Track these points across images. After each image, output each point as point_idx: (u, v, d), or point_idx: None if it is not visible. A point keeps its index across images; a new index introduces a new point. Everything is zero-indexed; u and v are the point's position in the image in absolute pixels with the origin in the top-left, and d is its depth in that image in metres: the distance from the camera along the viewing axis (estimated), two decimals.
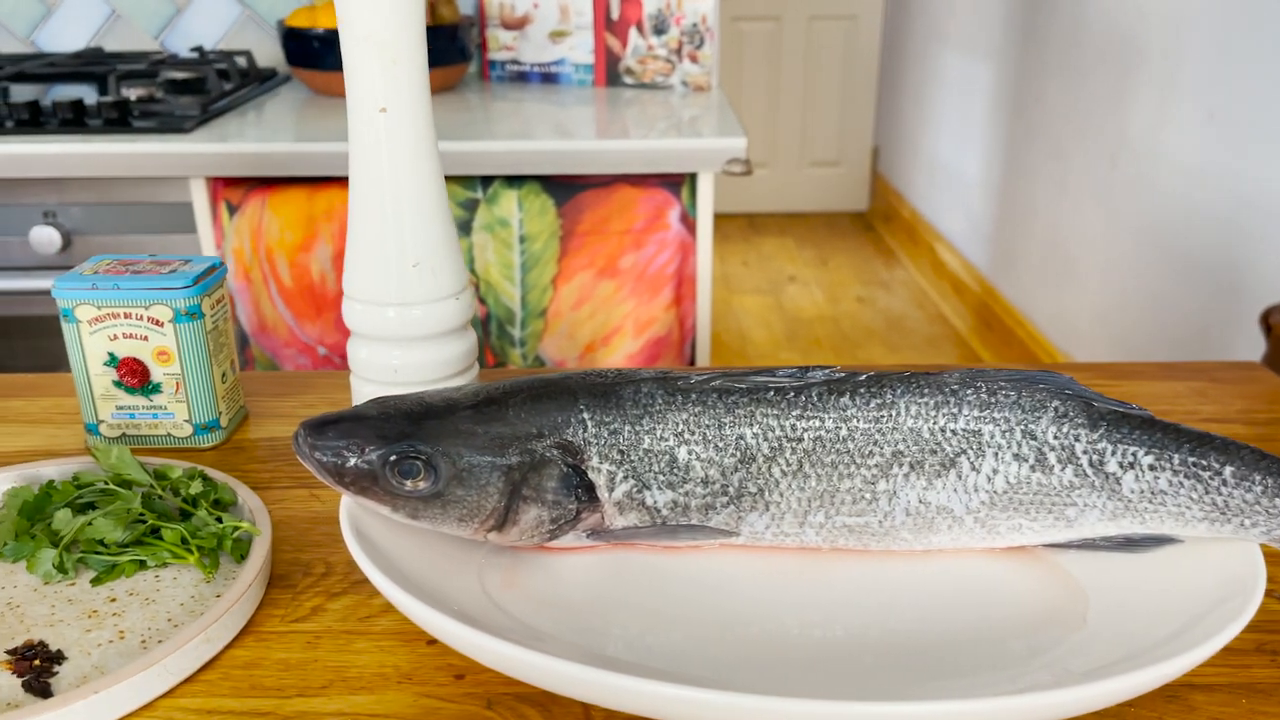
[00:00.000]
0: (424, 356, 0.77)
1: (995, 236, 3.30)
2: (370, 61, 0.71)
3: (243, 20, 2.29)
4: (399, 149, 0.73)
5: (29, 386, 0.91)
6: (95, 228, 1.73)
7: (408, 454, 0.60)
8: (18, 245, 1.74)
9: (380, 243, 0.75)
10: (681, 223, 1.77)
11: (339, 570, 0.67)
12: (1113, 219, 2.57)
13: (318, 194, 1.73)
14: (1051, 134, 2.89)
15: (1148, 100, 2.41)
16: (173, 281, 0.77)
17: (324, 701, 0.56)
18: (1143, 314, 2.45)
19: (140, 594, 0.64)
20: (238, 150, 1.65)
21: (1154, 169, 2.39)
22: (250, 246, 1.75)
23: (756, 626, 0.63)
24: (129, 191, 1.71)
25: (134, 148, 1.66)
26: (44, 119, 1.77)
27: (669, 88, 2.14)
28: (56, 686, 0.56)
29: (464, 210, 1.73)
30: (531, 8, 2.16)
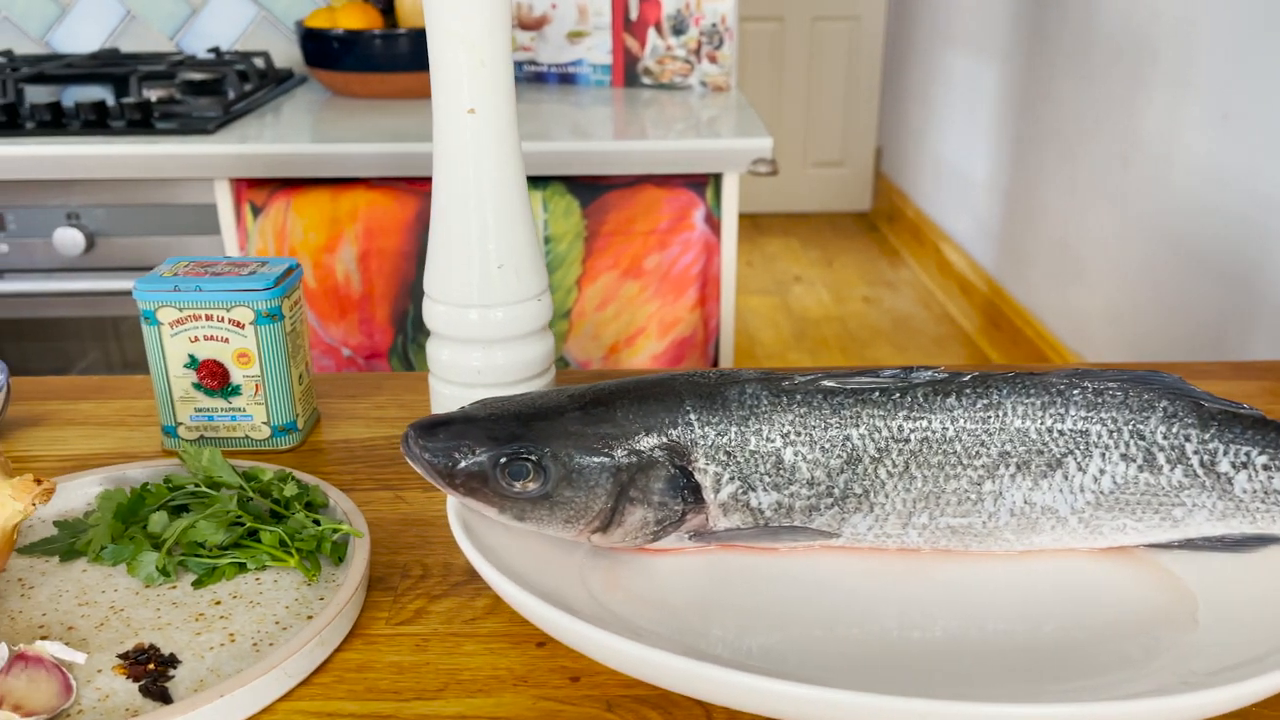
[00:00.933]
0: (506, 358, 0.77)
1: (1003, 236, 3.31)
2: (459, 63, 0.71)
3: (258, 21, 2.28)
4: (486, 150, 0.73)
5: (97, 389, 0.90)
6: (118, 229, 1.72)
7: (518, 455, 0.60)
8: (41, 247, 1.73)
9: (465, 245, 0.75)
10: (706, 223, 1.78)
11: (435, 572, 0.67)
12: (1125, 219, 2.57)
13: (342, 195, 1.72)
14: (1061, 134, 2.90)
15: (1161, 100, 2.42)
16: (254, 283, 0.77)
17: (442, 704, 0.56)
18: (1157, 313, 2.46)
19: (244, 597, 0.63)
20: (262, 151, 1.64)
21: (1168, 169, 2.40)
22: (274, 248, 1.75)
23: (856, 628, 0.63)
24: (152, 193, 1.71)
25: (158, 149, 1.66)
26: (66, 120, 1.76)
27: (688, 88, 2.14)
28: (174, 691, 0.56)
29: None
30: (549, 8, 2.16)
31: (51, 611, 0.62)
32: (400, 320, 1.78)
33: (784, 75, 4.45)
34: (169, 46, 2.29)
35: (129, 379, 0.92)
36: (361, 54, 1.99)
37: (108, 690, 0.56)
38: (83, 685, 0.56)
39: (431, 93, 0.73)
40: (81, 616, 0.62)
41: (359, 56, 1.99)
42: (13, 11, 2.24)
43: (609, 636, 0.52)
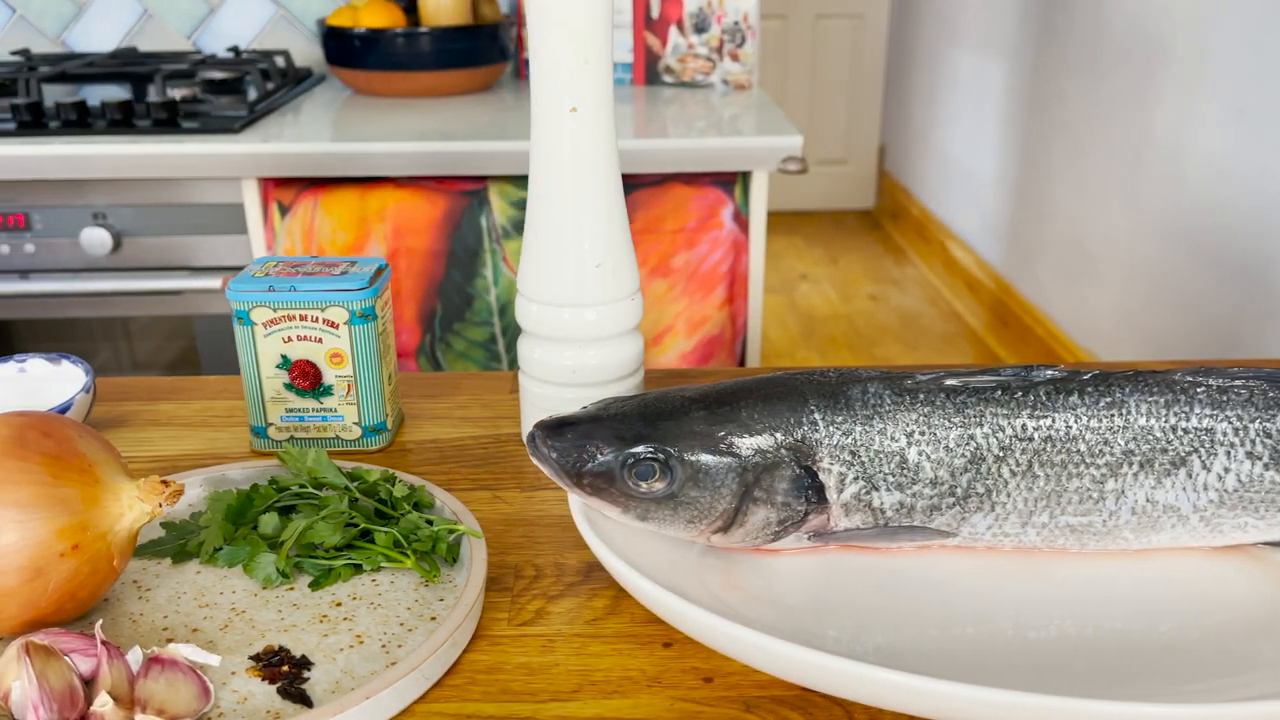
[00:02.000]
0: (602, 358, 0.77)
1: (1011, 234, 3.31)
2: (564, 62, 0.71)
3: (275, 20, 2.27)
4: (586, 149, 0.73)
5: (173, 389, 0.90)
6: (145, 229, 1.72)
7: (646, 455, 0.60)
8: (67, 247, 1.72)
9: (563, 244, 0.75)
10: (734, 221, 1.78)
11: (548, 572, 0.67)
12: (1137, 216, 2.58)
13: (370, 194, 1.72)
14: (1071, 131, 2.91)
15: (1174, 98, 2.42)
16: (348, 283, 0.76)
17: (579, 706, 0.56)
18: (1170, 310, 2.47)
19: (364, 598, 0.63)
20: (291, 150, 1.64)
21: (1181, 166, 2.41)
22: (302, 247, 1.74)
23: (971, 627, 0.63)
24: (178, 192, 1.70)
25: (185, 148, 1.65)
26: (90, 120, 1.76)
27: (709, 86, 2.14)
28: (311, 693, 0.56)
29: (517, 210, 1.73)
30: None
31: (173, 614, 0.62)
32: (428, 319, 1.77)
33: (788, 73, 4.46)
34: (186, 45, 2.29)
35: (204, 379, 0.92)
36: (384, 52, 1.99)
37: (244, 692, 0.56)
38: (218, 688, 0.56)
39: (531, 91, 0.73)
40: (204, 618, 0.62)
41: (382, 55, 1.99)
42: (29, 10, 2.23)
43: (763, 637, 0.52)
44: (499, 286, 1.79)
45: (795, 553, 0.66)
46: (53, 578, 0.56)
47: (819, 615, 0.63)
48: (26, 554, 0.55)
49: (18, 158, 1.67)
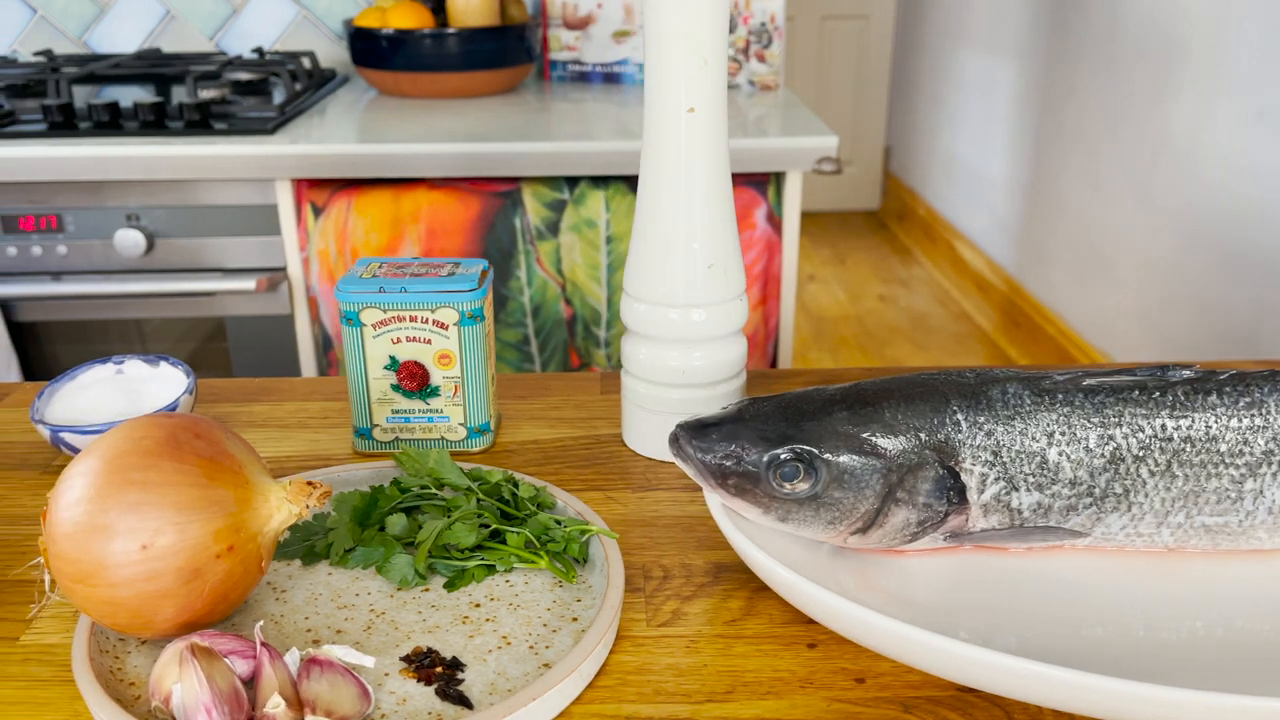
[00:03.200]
0: (711, 358, 0.77)
1: (1022, 234, 3.32)
2: (682, 62, 0.71)
3: (298, 21, 2.27)
4: (702, 150, 0.73)
5: (262, 390, 0.90)
6: (178, 230, 1.71)
7: (791, 456, 0.60)
8: (100, 248, 1.72)
9: (673, 244, 0.75)
10: (768, 222, 1.78)
11: (676, 573, 0.67)
12: (1154, 216, 2.59)
13: (403, 195, 1.72)
14: (1084, 132, 2.92)
15: (1192, 97, 2.43)
16: (458, 284, 0.76)
17: (736, 707, 0.56)
18: (1188, 310, 2.47)
19: (501, 599, 0.63)
20: (325, 151, 1.64)
21: (1199, 166, 2.41)
22: (335, 248, 1.74)
23: (1101, 627, 0.63)
24: (211, 194, 1.70)
25: (219, 149, 1.65)
26: (124, 121, 1.75)
27: (735, 87, 2.14)
28: (468, 694, 0.56)
29: (551, 211, 1.72)
30: (595, 7, 2.15)
31: (313, 615, 0.62)
32: None
33: (794, 74, 4.46)
34: (208, 46, 2.28)
35: (291, 381, 0.92)
36: (412, 53, 1.98)
37: (401, 694, 0.56)
38: (374, 690, 0.56)
39: (646, 91, 0.73)
40: (345, 620, 0.61)
41: (409, 56, 1.99)
42: (51, 11, 2.22)
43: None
44: (532, 288, 1.79)
45: (925, 553, 0.66)
46: (209, 580, 0.56)
47: (950, 615, 0.63)
48: (184, 556, 0.55)
49: (50, 159, 1.66)
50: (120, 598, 0.55)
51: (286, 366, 1.84)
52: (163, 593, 0.55)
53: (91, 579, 0.54)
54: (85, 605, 0.55)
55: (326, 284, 1.77)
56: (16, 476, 0.77)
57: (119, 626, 0.56)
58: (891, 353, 3.29)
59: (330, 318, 1.77)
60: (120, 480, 0.54)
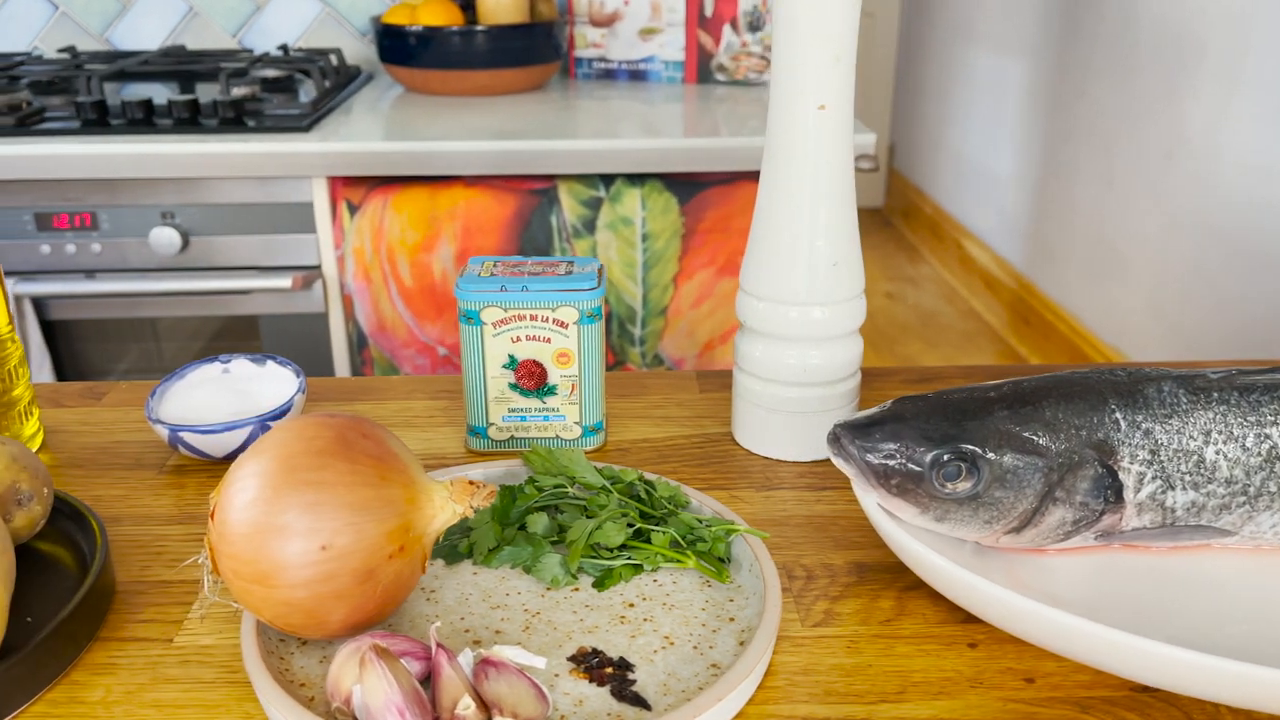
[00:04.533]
0: (829, 357, 0.77)
1: (1032, 232, 3.33)
2: (815, 58, 0.71)
3: (322, 18, 2.26)
4: (830, 147, 0.73)
5: (363, 390, 0.89)
6: (213, 228, 1.70)
7: (956, 455, 0.60)
8: (135, 246, 1.71)
9: (800, 242, 0.75)
10: None
11: (818, 572, 0.67)
12: (1169, 214, 2.60)
13: (440, 193, 1.71)
14: (1097, 130, 2.92)
15: (1208, 96, 2.44)
16: (579, 283, 0.76)
17: (912, 707, 0.56)
18: (1204, 309, 2.48)
19: (653, 599, 0.63)
20: (362, 149, 1.63)
21: (1216, 164, 2.42)
22: (371, 246, 1.73)
23: (1246, 624, 0.63)
24: (244, 191, 1.69)
25: (255, 147, 1.64)
26: (157, 118, 1.74)
27: (762, 84, 2.14)
28: (643, 695, 0.55)
29: (587, 209, 1.72)
30: (621, 5, 2.15)
31: (468, 616, 0.61)
32: None
33: None
34: (231, 44, 2.27)
35: (388, 380, 0.91)
36: (441, 50, 1.98)
37: (576, 695, 0.55)
38: (547, 690, 0.55)
39: (773, 88, 0.73)
40: (501, 620, 0.61)
41: (439, 53, 1.98)
42: (73, 7, 2.21)
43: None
44: None
45: (1066, 551, 0.66)
46: (381, 580, 0.55)
47: (1096, 613, 0.63)
48: (360, 557, 0.54)
49: (84, 156, 1.65)
50: (298, 599, 0.54)
51: (320, 365, 1.83)
52: (338, 593, 0.54)
53: (270, 580, 0.54)
54: (260, 607, 0.55)
55: (362, 282, 1.76)
56: (135, 476, 0.76)
57: (291, 628, 0.55)
58: (903, 350, 3.29)
59: (365, 315, 1.77)
60: (297, 480, 0.54)
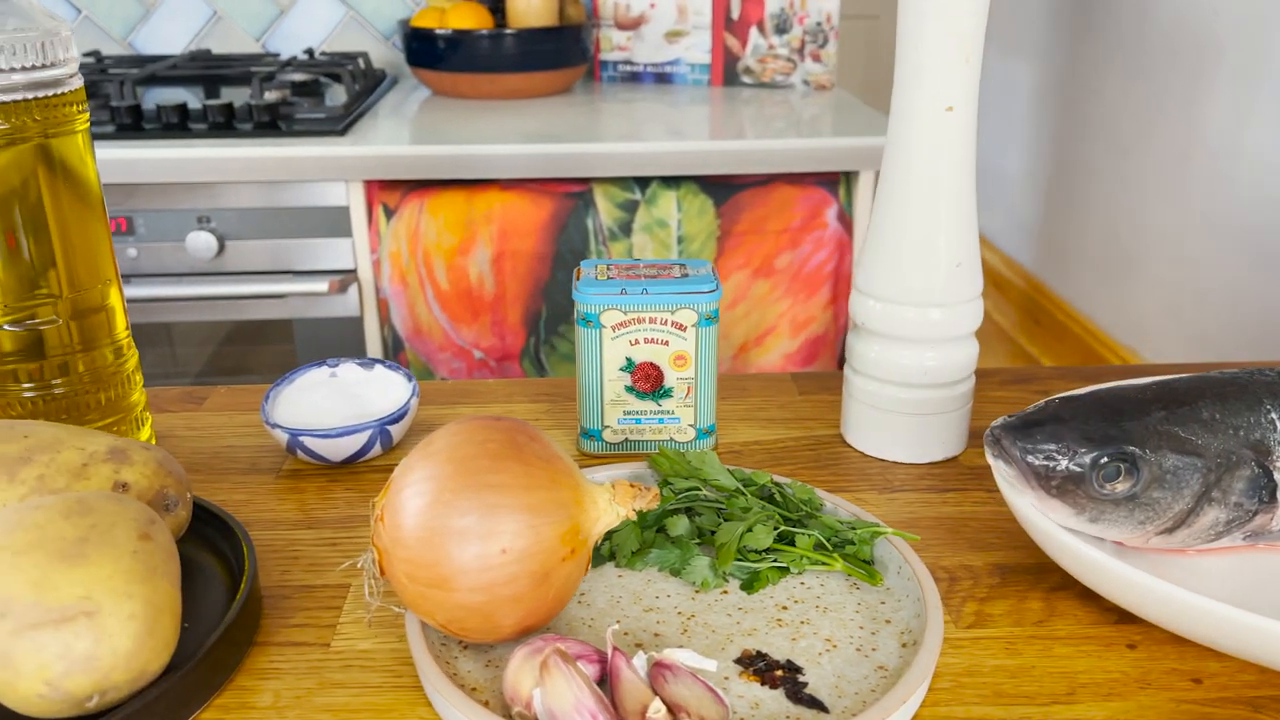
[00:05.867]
0: (950, 357, 0.77)
1: (1043, 233, 3.34)
2: (947, 59, 0.71)
3: (346, 21, 2.25)
4: (956, 147, 0.73)
5: (463, 393, 0.89)
6: (249, 232, 1.70)
7: (1117, 456, 0.60)
8: (170, 251, 1.70)
9: (920, 242, 0.74)
10: (839, 221, 1.78)
11: (960, 574, 0.67)
12: (1186, 214, 2.60)
13: (476, 196, 1.71)
14: (1109, 130, 2.93)
15: (1227, 97, 2.45)
16: (698, 285, 0.76)
17: (1085, 709, 0.56)
18: (1223, 309, 2.49)
19: (805, 601, 0.63)
20: (400, 152, 1.63)
21: (1235, 164, 2.43)
22: (407, 250, 1.73)
23: None
24: (281, 195, 1.68)
25: (291, 151, 1.64)
26: (192, 123, 1.73)
27: (789, 87, 2.14)
28: (818, 697, 0.55)
29: (623, 212, 1.72)
30: (648, 8, 2.15)
31: (624, 619, 0.61)
32: (533, 322, 1.76)
33: None
34: (255, 48, 2.26)
35: (485, 383, 0.91)
36: (470, 54, 1.97)
37: (751, 698, 0.55)
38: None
39: (897, 88, 0.73)
40: (657, 623, 0.61)
41: (468, 56, 1.98)
42: (95, 11, 2.20)
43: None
44: None
45: (1209, 552, 0.66)
46: (554, 583, 0.55)
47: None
48: (538, 560, 0.54)
49: (120, 161, 1.64)
50: (476, 603, 0.54)
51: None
52: (515, 597, 0.54)
53: (448, 584, 0.53)
54: (434, 611, 0.54)
55: (398, 285, 1.75)
56: (253, 481, 0.75)
57: (465, 632, 0.55)
58: None
59: (401, 319, 1.76)
60: (475, 483, 0.54)
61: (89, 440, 0.61)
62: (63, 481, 0.58)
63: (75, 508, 0.52)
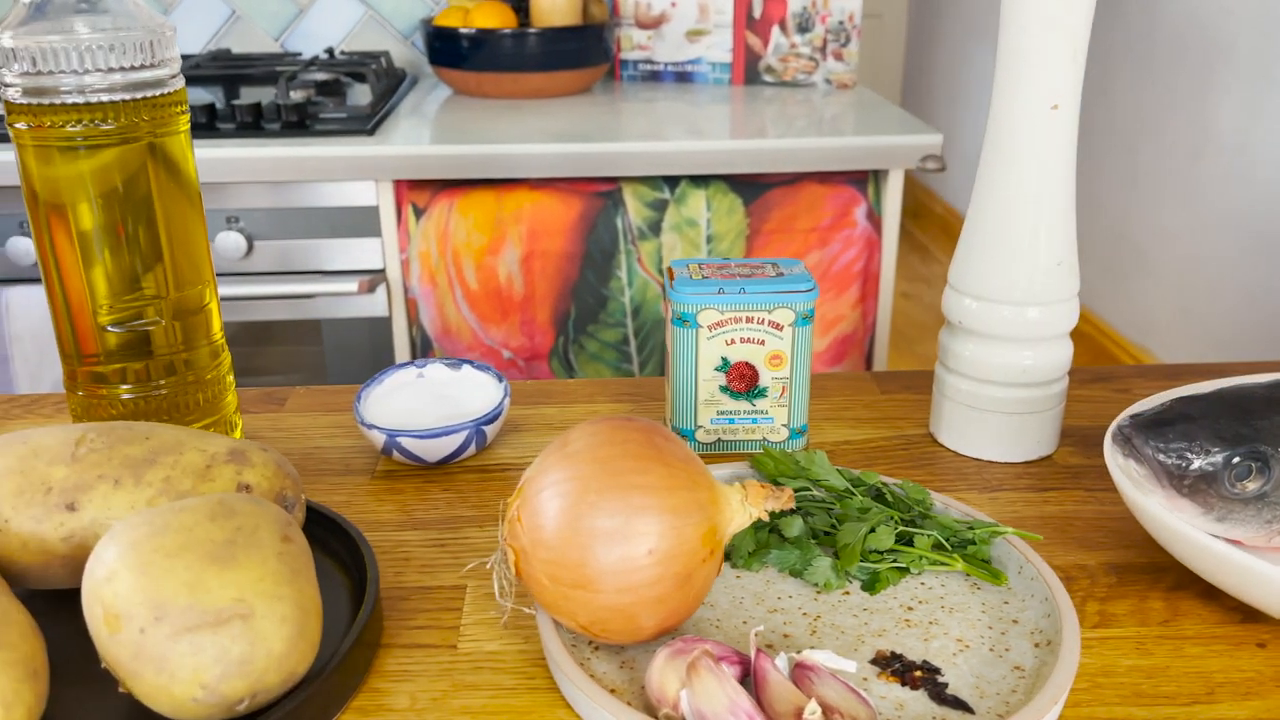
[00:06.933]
0: (1047, 356, 0.77)
1: None
2: (1052, 57, 0.70)
3: (365, 21, 2.24)
4: (1060, 145, 0.73)
5: (542, 394, 0.89)
6: (278, 232, 1.69)
7: (1250, 455, 0.60)
8: None
9: (1022, 241, 0.74)
10: (868, 220, 1.78)
11: (1075, 574, 0.67)
12: (1198, 213, 2.61)
13: (505, 196, 1.71)
14: (1118, 129, 2.94)
15: (1238, 95, 2.45)
16: (795, 284, 0.76)
17: (1227, 708, 0.56)
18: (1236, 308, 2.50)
19: (929, 601, 0.62)
20: (430, 152, 1.62)
21: (1247, 162, 2.44)
22: (437, 249, 1.72)
23: None
24: (310, 195, 1.67)
25: (321, 150, 1.63)
26: (220, 122, 1.72)
27: (810, 85, 2.14)
28: (961, 698, 0.55)
29: (653, 211, 1.72)
30: (669, 7, 2.15)
31: (749, 619, 0.61)
32: (561, 322, 1.76)
33: None
34: (274, 47, 2.25)
35: (563, 383, 0.90)
36: (494, 53, 1.97)
37: (895, 699, 0.55)
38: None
39: (999, 85, 0.72)
40: (784, 624, 0.60)
41: (491, 56, 1.97)
42: None
43: None
44: (633, 288, 1.78)
45: None
46: (695, 584, 0.55)
47: None
48: (682, 561, 0.54)
49: None
50: (622, 604, 0.53)
51: (381, 370, 1.81)
52: (660, 598, 0.54)
53: (594, 585, 0.53)
54: (576, 611, 0.54)
55: (427, 285, 1.75)
56: (349, 483, 0.75)
57: (606, 633, 0.55)
58: (923, 350, 3.30)
59: (430, 319, 1.75)
60: (621, 484, 0.53)
61: (208, 442, 0.60)
62: (188, 483, 0.58)
63: (219, 510, 0.52)
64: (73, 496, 0.56)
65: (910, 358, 3.28)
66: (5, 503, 0.55)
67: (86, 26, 0.64)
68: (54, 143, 0.63)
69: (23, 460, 0.57)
